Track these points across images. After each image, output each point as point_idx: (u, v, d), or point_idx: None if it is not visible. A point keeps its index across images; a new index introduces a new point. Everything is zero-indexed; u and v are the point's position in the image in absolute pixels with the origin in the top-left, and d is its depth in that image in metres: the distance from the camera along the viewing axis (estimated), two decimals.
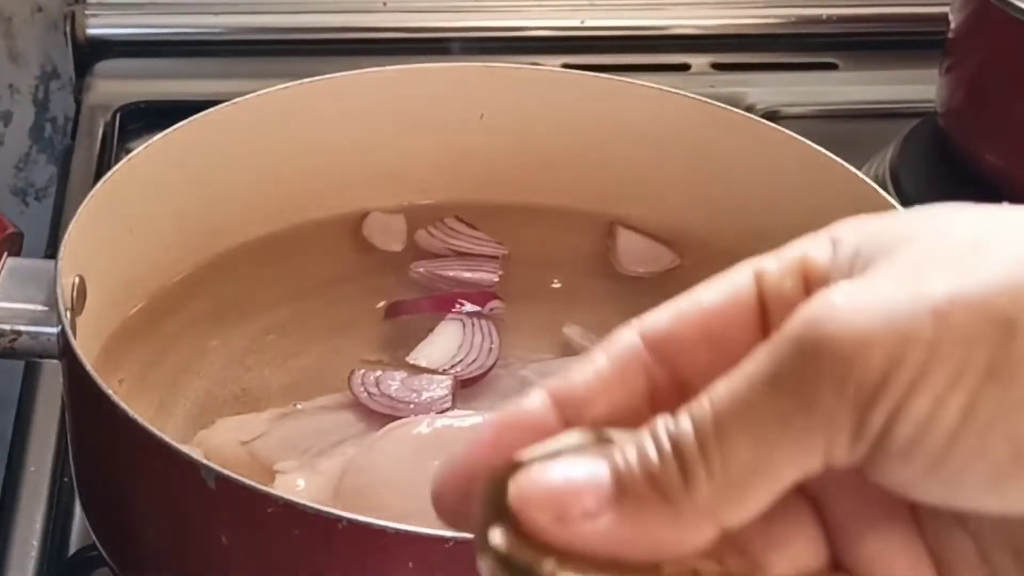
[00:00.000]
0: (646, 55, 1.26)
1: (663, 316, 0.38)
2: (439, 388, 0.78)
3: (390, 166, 0.90)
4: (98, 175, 1.03)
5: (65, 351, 0.71)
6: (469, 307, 0.83)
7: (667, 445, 0.35)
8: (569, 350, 0.83)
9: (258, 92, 0.86)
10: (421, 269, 0.87)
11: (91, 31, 1.24)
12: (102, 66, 1.23)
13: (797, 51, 1.28)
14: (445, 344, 0.81)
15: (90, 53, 1.23)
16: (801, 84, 1.24)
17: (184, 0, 1.25)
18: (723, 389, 0.35)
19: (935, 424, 0.34)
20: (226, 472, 0.63)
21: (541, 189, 0.91)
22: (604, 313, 0.85)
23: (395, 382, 0.77)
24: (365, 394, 0.77)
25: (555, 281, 0.88)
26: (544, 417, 0.38)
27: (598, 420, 0.37)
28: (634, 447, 0.36)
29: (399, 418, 0.75)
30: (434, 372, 0.79)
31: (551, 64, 1.14)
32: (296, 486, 0.71)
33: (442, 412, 0.76)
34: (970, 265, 0.35)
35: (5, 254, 0.76)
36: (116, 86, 1.21)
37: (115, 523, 0.71)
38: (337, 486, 0.70)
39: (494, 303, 0.84)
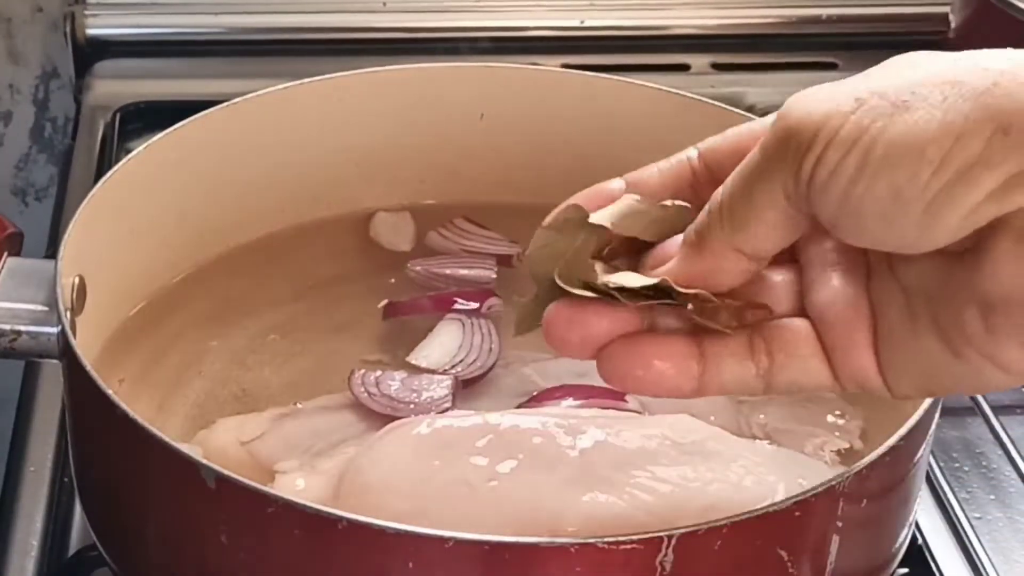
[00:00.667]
0: (646, 55, 1.26)
1: (717, 137, 0.57)
2: (439, 388, 0.78)
3: (389, 166, 0.90)
4: (98, 175, 1.03)
5: (65, 351, 0.71)
6: (466, 305, 0.83)
7: (707, 208, 0.53)
8: None
9: (258, 92, 0.86)
10: (418, 268, 0.87)
11: (91, 31, 1.24)
12: (102, 66, 1.23)
13: (797, 51, 1.28)
14: (445, 344, 0.81)
15: (90, 53, 1.23)
16: (801, 84, 1.23)
17: (184, 0, 1.25)
18: (740, 163, 0.53)
19: (840, 171, 0.49)
20: (226, 472, 0.63)
21: (540, 189, 0.91)
22: None
23: (395, 382, 0.77)
24: (365, 394, 0.77)
25: None
26: (621, 192, 0.57)
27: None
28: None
29: (399, 418, 0.75)
30: (434, 372, 0.79)
31: (551, 64, 1.14)
32: (296, 486, 0.71)
33: (442, 412, 0.76)
34: (897, 76, 0.50)
35: (5, 254, 0.76)
36: (116, 86, 1.21)
37: (115, 523, 0.71)
38: (337, 486, 0.70)
39: (492, 301, 0.84)
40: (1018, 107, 0.47)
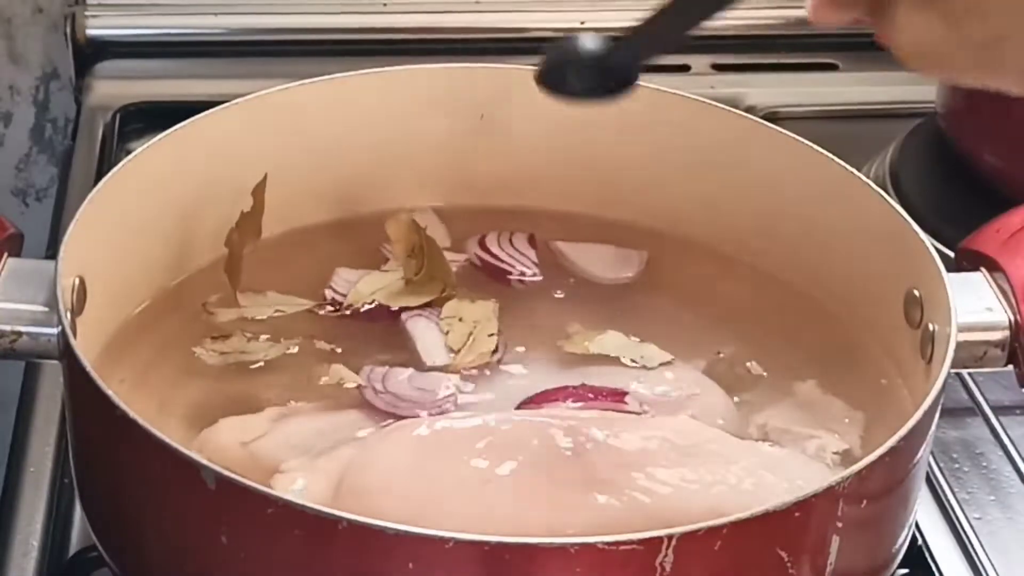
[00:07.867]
0: None
1: None
2: (441, 388, 0.78)
3: (389, 167, 0.90)
4: (98, 175, 1.03)
5: (65, 352, 0.71)
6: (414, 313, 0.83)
7: None
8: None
9: (258, 92, 0.86)
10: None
11: (91, 32, 1.24)
12: (102, 67, 1.23)
13: (797, 51, 1.28)
14: (436, 339, 0.81)
15: (90, 54, 1.24)
16: (801, 84, 1.24)
17: (184, 0, 1.25)
18: None
19: None
20: (226, 472, 0.63)
21: (540, 190, 0.91)
22: (604, 311, 0.85)
23: (402, 379, 0.78)
24: (371, 391, 0.77)
25: (556, 281, 0.88)
26: None
27: None
28: None
29: (400, 418, 0.75)
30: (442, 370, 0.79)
31: None
32: (296, 486, 0.71)
33: (443, 412, 0.76)
34: None
35: (5, 255, 0.76)
36: (116, 87, 1.21)
37: (115, 523, 0.71)
38: (337, 486, 0.70)
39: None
40: None
